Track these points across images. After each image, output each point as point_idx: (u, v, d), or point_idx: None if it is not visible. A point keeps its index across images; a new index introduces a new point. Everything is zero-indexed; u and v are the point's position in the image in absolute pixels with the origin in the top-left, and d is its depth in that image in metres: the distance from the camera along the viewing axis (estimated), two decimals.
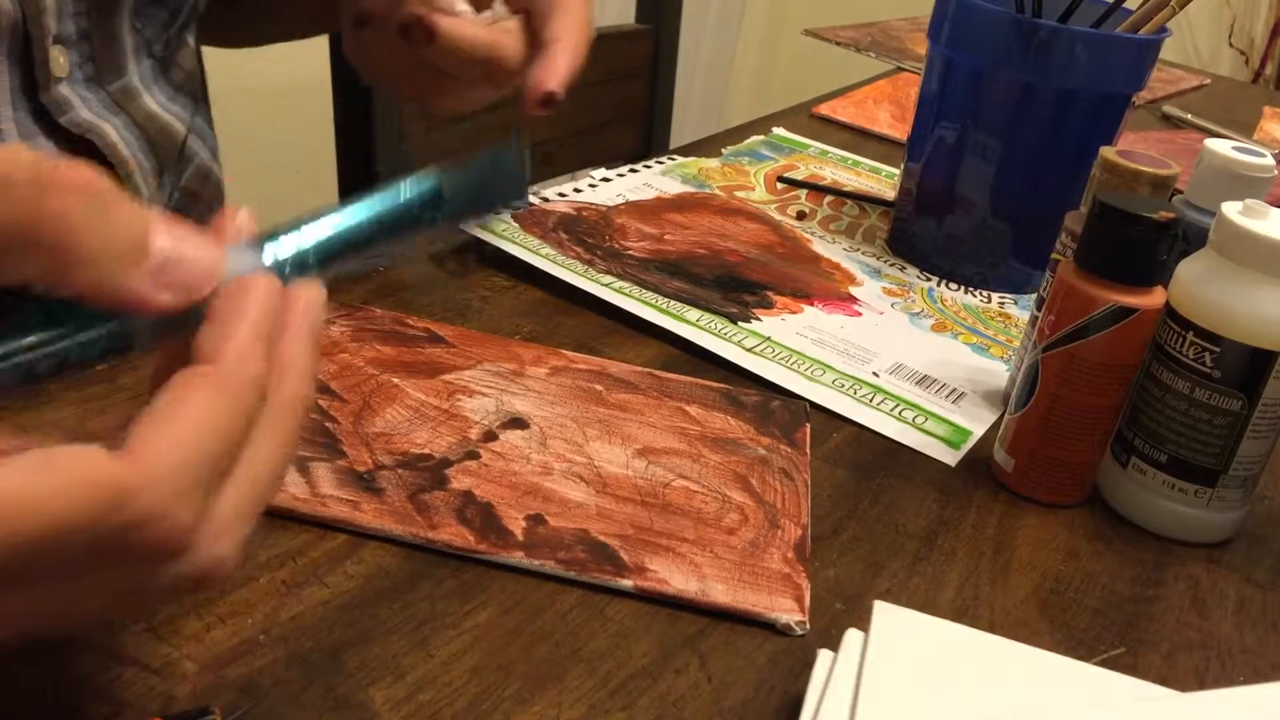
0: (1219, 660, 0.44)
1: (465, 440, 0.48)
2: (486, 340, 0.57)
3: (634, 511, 0.46)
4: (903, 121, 1.04)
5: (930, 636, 0.40)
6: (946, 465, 0.54)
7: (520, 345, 0.57)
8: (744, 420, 0.54)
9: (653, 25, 1.25)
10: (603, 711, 0.37)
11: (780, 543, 0.46)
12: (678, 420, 0.53)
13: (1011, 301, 0.73)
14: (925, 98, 0.74)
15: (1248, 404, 0.48)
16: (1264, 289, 0.47)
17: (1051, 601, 0.46)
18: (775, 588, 0.43)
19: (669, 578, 0.43)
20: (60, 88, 0.54)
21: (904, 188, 0.77)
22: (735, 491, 0.48)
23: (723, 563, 0.44)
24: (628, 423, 0.52)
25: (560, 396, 0.53)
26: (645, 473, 0.49)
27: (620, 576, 0.42)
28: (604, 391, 0.54)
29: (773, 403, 0.56)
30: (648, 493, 0.47)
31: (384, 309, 0.58)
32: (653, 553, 0.44)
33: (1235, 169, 0.53)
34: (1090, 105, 0.68)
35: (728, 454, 0.51)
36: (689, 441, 0.51)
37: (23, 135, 0.52)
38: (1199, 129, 1.18)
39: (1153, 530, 0.51)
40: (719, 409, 0.54)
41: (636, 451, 0.50)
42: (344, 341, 0.54)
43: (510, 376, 0.54)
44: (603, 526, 0.45)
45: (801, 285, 0.69)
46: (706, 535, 0.45)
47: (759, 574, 0.44)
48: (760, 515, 0.47)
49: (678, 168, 0.85)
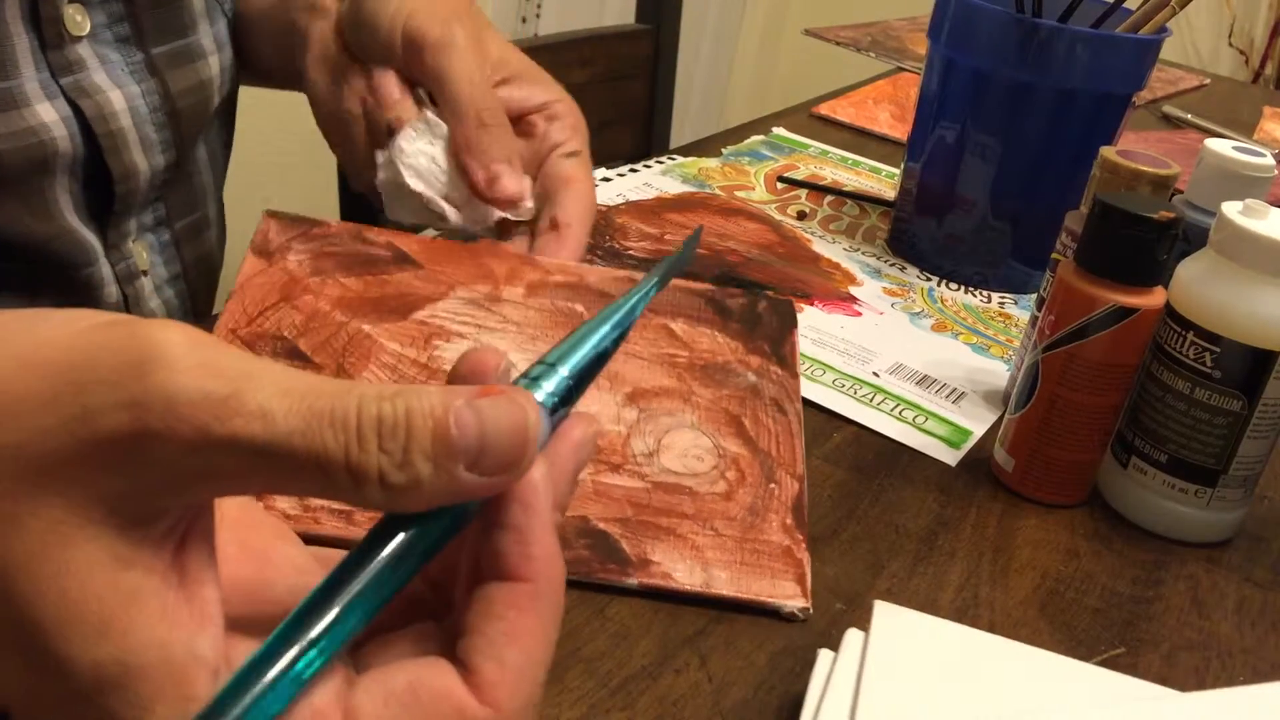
0: (1219, 660, 0.44)
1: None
2: (454, 253, 0.53)
3: (631, 487, 0.45)
4: (903, 121, 1.04)
5: (930, 636, 0.40)
6: (946, 465, 0.54)
7: (490, 255, 0.53)
8: (731, 334, 0.52)
9: (653, 25, 1.25)
10: (603, 711, 0.37)
11: (778, 505, 0.46)
12: (664, 344, 0.51)
13: (1011, 301, 0.73)
14: (925, 98, 0.74)
15: (1248, 404, 0.48)
16: (1264, 289, 0.47)
17: (1051, 601, 0.46)
18: (777, 568, 0.43)
19: (673, 570, 0.42)
20: (78, 47, 0.54)
21: (904, 188, 0.77)
22: (730, 440, 0.48)
23: (724, 541, 0.44)
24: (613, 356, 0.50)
25: (540, 327, 0.50)
26: (638, 426, 0.47)
27: (625, 575, 0.42)
28: (585, 312, 0.51)
29: (760, 304, 0.54)
30: (643, 456, 0.46)
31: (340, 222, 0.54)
32: (654, 539, 0.43)
33: (1235, 169, 0.53)
34: (1090, 105, 0.68)
35: (718, 387, 0.50)
36: (678, 375, 0.50)
37: (47, 95, 0.52)
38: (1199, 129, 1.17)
39: (1153, 530, 0.51)
40: (705, 321, 0.52)
41: (626, 397, 0.48)
42: (304, 277, 0.50)
43: (486, 305, 0.51)
44: (601, 509, 0.44)
45: (801, 285, 0.69)
46: (705, 508, 0.45)
47: (760, 551, 0.44)
48: (756, 469, 0.47)
49: (678, 168, 0.85)
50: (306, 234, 0.52)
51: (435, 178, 0.55)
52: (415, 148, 0.55)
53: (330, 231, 0.52)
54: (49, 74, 0.53)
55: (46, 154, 0.53)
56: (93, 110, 0.54)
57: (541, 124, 0.58)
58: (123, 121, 0.56)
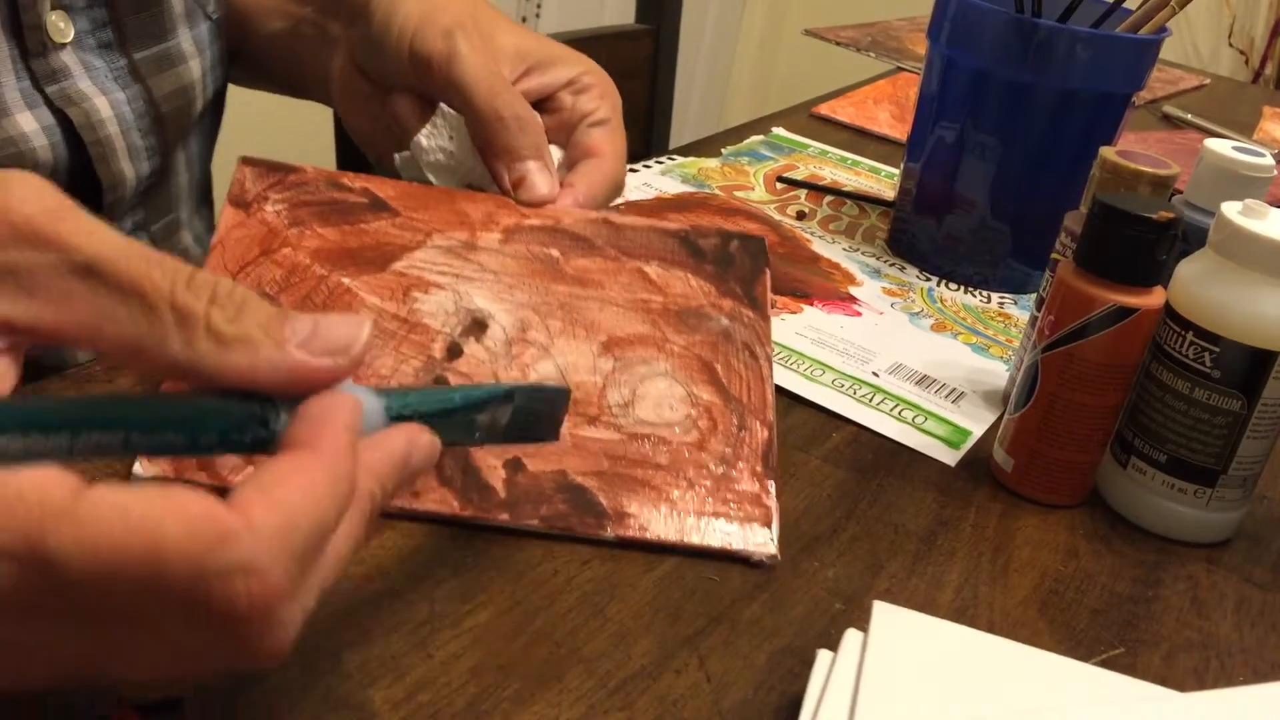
0: (1219, 660, 0.44)
1: (430, 362, 0.47)
2: (429, 198, 0.53)
3: (607, 439, 0.46)
4: (903, 121, 1.04)
5: (930, 636, 0.40)
6: (946, 465, 0.54)
7: (466, 199, 0.53)
8: (704, 277, 0.53)
9: (653, 25, 1.25)
10: (602, 711, 0.37)
11: (749, 453, 0.47)
12: (638, 289, 0.51)
13: (1011, 301, 0.73)
14: (925, 98, 0.74)
15: (1247, 404, 0.48)
16: (1264, 289, 0.47)
17: (1051, 601, 0.46)
18: (746, 516, 0.45)
19: (648, 523, 0.44)
20: (61, 54, 0.53)
21: (904, 188, 0.77)
22: (703, 388, 0.49)
23: (697, 492, 0.46)
24: (589, 304, 0.50)
25: (518, 275, 0.50)
26: (613, 377, 0.48)
27: (601, 529, 0.44)
28: (561, 259, 0.52)
29: (731, 244, 0.55)
30: (619, 407, 0.47)
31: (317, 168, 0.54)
32: (630, 492, 0.45)
33: (1235, 169, 0.53)
34: (1090, 105, 0.68)
35: (691, 333, 0.50)
36: (653, 321, 0.50)
37: (28, 104, 0.52)
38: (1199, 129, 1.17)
39: (1152, 530, 0.51)
40: (679, 263, 0.53)
41: (602, 346, 0.49)
42: (282, 229, 0.50)
43: (463, 253, 0.51)
44: (578, 463, 0.45)
45: (801, 285, 0.69)
46: (678, 459, 0.46)
47: (730, 500, 0.46)
48: (728, 416, 0.48)
49: (677, 168, 0.85)
50: (282, 181, 0.52)
51: (453, 171, 0.57)
52: (433, 144, 0.56)
53: (306, 178, 0.52)
54: (29, 82, 0.52)
55: (26, 164, 0.52)
56: (80, 118, 0.54)
57: (569, 98, 0.58)
58: (110, 129, 0.56)
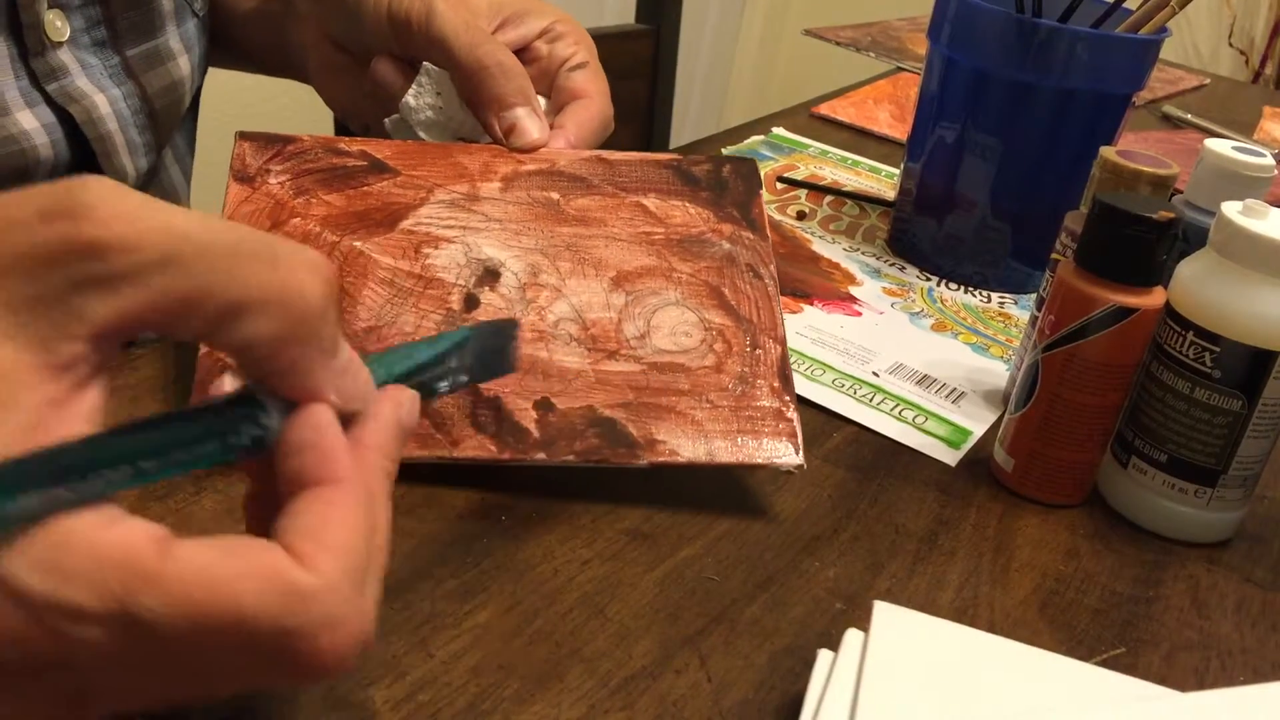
0: (1219, 660, 0.44)
1: (450, 314, 0.48)
2: (426, 155, 0.53)
3: (629, 371, 0.48)
4: (903, 121, 1.04)
5: (930, 636, 0.40)
6: (946, 465, 0.54)
7: (461, 152, 0.54)
8: (701, 203, 0.54)
9: (653, 25, 1.25)
10: (603, 711, 0.37)
11: (765, 370, 0.49)
12: (640, 223, 0.52)
13: (1011, 301, 0.73)
14: (925, 98, 0.74)
15: (1247, 404, 0.48)
16: (1264, 289, 0.47)
17: (1051, 601, 0.46)
18: (770, 430, 0.47)
19: (678, 448, 0.46)
20: (59, 53, 0.53)
21: (904, 188, 0.77)
22: (713, 312, 0.50)
23: (720, 412, 0.47)
24: (594, 242, 0.51)
25: (522, 221, 0.51)
26: (627, 310, 0.49)
27: (635, 458, 0.46)
28: (561, 200, 0.52)
29: (724, 168, 0.55)
30: (636, 339, 0.48)
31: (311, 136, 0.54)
32: (657, 419, 0.47)
33: (1235, 169, 0.53)
34: (1090, 105, 0.68)
35: (696, 260, 0.51)
36: (657, 253, 0.51)
37: (28, 103, 0.52)
38: (1199, 129, 1.17)
39: (1153, 530, 0.51)
40: (676, 193, 0.54)
41: (612, 282, 0.50)
42: (289, 200, 0.51)
43: (466, 205, 0.52)
44: (605, 397, 0.47)
45: (801, 285, 0.69)
46: (699, 383, 0.48)
47: (753, 417, 0.47)
48: (741, 337, 0.49)
49: None
50: (282, 152, 0.52)
51: (444, 127, 0.57)
52: (421, 103, 0.57)
53: (305, 147, 0.53)
54: (29, 81, 0.52)
55: (27, 162, 0.52)
56: (82, 115, 0.54)
57: (544, 47, 0.59)
58: (110, 125, 0.56)
